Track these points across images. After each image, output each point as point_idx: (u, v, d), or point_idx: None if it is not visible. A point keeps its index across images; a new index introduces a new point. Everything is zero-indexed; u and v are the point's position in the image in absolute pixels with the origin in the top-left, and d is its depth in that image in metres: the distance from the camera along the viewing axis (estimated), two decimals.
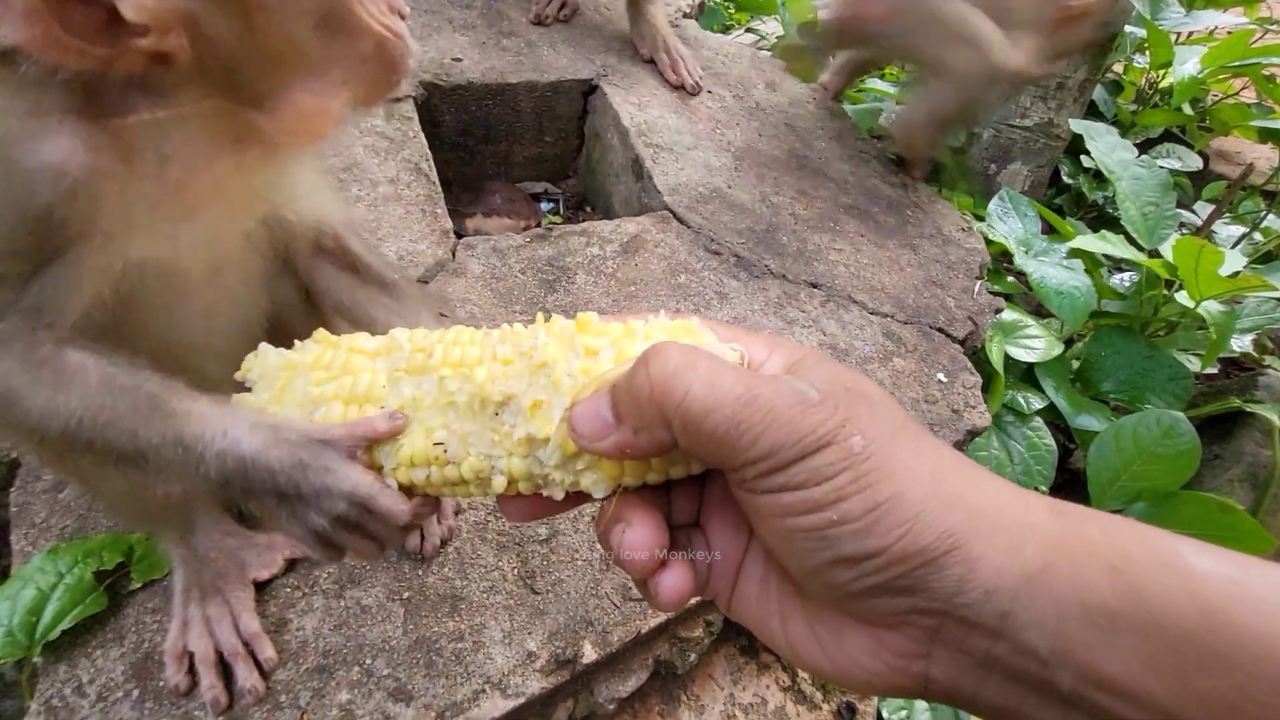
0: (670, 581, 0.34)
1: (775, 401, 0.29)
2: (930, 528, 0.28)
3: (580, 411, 0.33)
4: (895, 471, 0.29)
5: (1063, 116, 1.72)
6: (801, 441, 0.29)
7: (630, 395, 0.32)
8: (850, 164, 1.46)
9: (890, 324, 1.15)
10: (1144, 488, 1.10)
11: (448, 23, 1.42)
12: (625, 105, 1.37)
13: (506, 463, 0.36)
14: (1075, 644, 0.26)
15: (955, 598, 0.28)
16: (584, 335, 0.36)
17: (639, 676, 0.81)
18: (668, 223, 1.20)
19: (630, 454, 0.32)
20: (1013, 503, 0.29)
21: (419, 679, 0.69)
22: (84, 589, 0.65)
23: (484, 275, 1.04)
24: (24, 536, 0.71)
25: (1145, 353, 1.29)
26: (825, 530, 0.29)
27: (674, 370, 0.30)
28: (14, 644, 0.62)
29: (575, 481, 0.36)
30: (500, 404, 0.36)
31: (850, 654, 0.31)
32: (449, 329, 0.41)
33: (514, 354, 0.37)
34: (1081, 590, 0.26)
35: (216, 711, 0.62)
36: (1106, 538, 0.28)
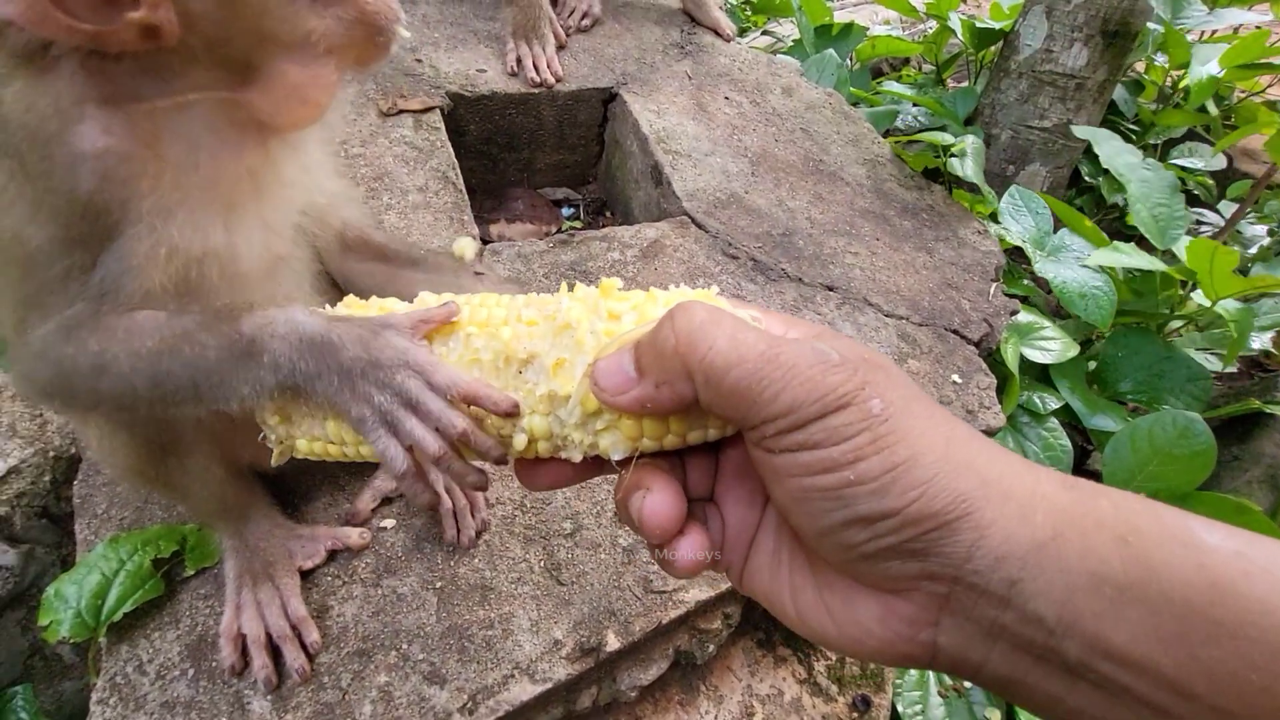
0: (687, 547, 0.35)
1: (797, 359, 0.30)
2: (944, 491, 0.28)
3: (604, 366, 0.34)
4: (911, 435, 0.29)
5: (1081, 117, 1.71)
6: (822, 399, 0.29)
7: (655, 349, 0.32)
8: (866, 168, 1.48)
9: (905, 326, 1.17)
10: (1159, 488, 1.10)
11: (472, 35, 1.46)
12: (645, 113, 1.41)
13: (528, 420, 0.37)
14: (1083, 613, 0.26)
15: (966, 564, 0.28)
16: (607, 300, 0.37)
17: (660, 666, 0.85)
18: (686, 227, 1.23)
19: (651, 408, 0.33)
20: (1024, 474, 0.30)
21: (452, 663, 0.73)
22: (143, 575, 0.70)
23: (509, 279, 1.08)
24: (87, 526, 0.76)
25: (1163, 353, 1.30)
26: (842, 490, 0.29)
27: (700, 325, 0.31)
28: (82, 625, 0.66)
29: (594, 443, 0.36)
30: (524, 361, 0.37)
31: (860, 622, 0.32)
32: (476, 294, 0.42)
33: (538, 316, 0.38)
34: (1091, 561, 0.27)
35: (268, 689, 0.67)
36: (1117, 511, 0.28)
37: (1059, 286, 1.26)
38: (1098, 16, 1.60)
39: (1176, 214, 1.32)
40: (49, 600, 0.67)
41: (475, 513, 0.80)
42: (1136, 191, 1.33)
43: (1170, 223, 1.31)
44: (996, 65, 1.80)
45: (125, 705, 0.66)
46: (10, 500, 0.80)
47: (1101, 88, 1.72)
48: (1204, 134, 2.04)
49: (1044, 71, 1.69)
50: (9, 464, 0.81)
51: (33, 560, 0.82)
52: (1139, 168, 1.34)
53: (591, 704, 0.82)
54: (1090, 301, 1.24)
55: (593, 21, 1.56)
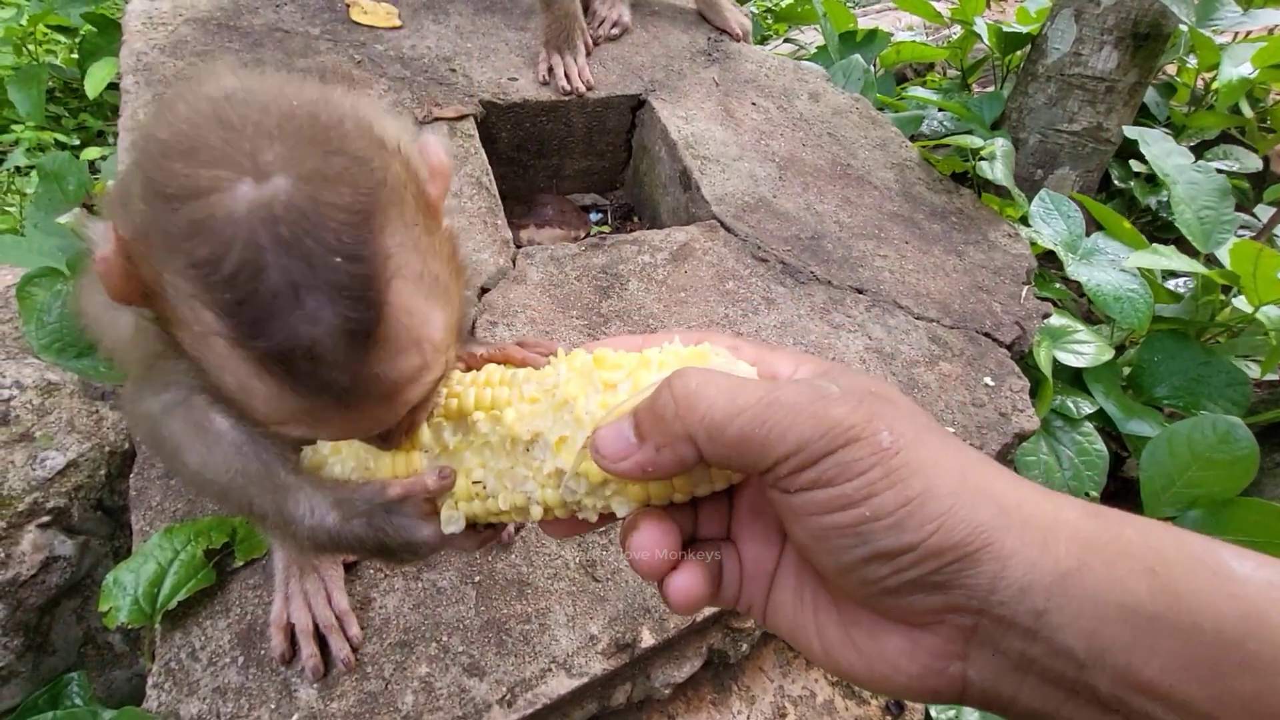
0: (680, 583, 0.35)
1: (797, 399, 0.30)
2: (962, 522, 0.28)
3: (604, 434, 0.35)
4: (925, 467, 0.29)
5: (1112, 120, 1.70)
6: (828, 434, 0.29)
7: (654, 414, 0.33)
8: (894, 172, 1.48)
9: (936, 329, 1.17)
10: (1199, 494, 1.08)
11: (504, 44, 1.49)
12: (673, 119, 1.42)
13: (540, 494, 0.39)
14: (1112, 645, 0.26)
15: (990, 595, 0.28)
16: (601, 370, 0.38)
17: (693, 664, 0.85)
18: (715, 231, 1.25)
19: (653, 472, 0.34)
20: (1043, 501, 0.29)
21: (491, 656, 0.74)
22: (196, 565, 0.72)
23: (542, 282, 1.10)
24: (142, 517, 0.78)
25: (1201, 358, 1.27)
26: (859, 526, 0.29)
27: (696, 388, 0.32)
28: (139, 611, 0.69)
29: (606, 505, 0.38)
30: (530, 442, 0.40)
31: (887, 657, 0.31)
32: (481, 370, 0.45)
33: (539, 391, 0.40)
34: (1118, 591, 0.26)
35: (316, 677, 0.68)
36: (1143, 539, 0.28)
37: (1093, 290, 1.25)
38: (1128, 19, 1.59)
39: (1224, 217, 1.30)
40: (108, 587, 0.69)
41: None
42: (1183, 193, 1.31)
43: (1217, 226, 1.29)
44: (1023, 69, 1.79)
45: (179, 690, 0.68)
46: (69, 493, 0.83)
47: (1132, 90, 1.70)
48: (1238, 136, 2.01)
49: (1073, 75, 1.68)
50: (68, 458, 0.84)
51: (88, 551, 0.85)
52: (1188, 169, 1.33)
53: (626, 700, 0.83)
54: (1126, 304, 1.23)
55: (622, 30, 1.58)
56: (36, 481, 0.82)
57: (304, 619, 0.69)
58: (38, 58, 2.05)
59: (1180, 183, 1.34)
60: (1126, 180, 1.86)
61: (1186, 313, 1.37)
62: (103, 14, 1.84)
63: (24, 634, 0.79)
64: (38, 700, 0.76)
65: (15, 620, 0.78)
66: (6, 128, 1.92)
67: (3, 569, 0.77)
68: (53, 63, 2.10)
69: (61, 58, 2.17)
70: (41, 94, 1.81)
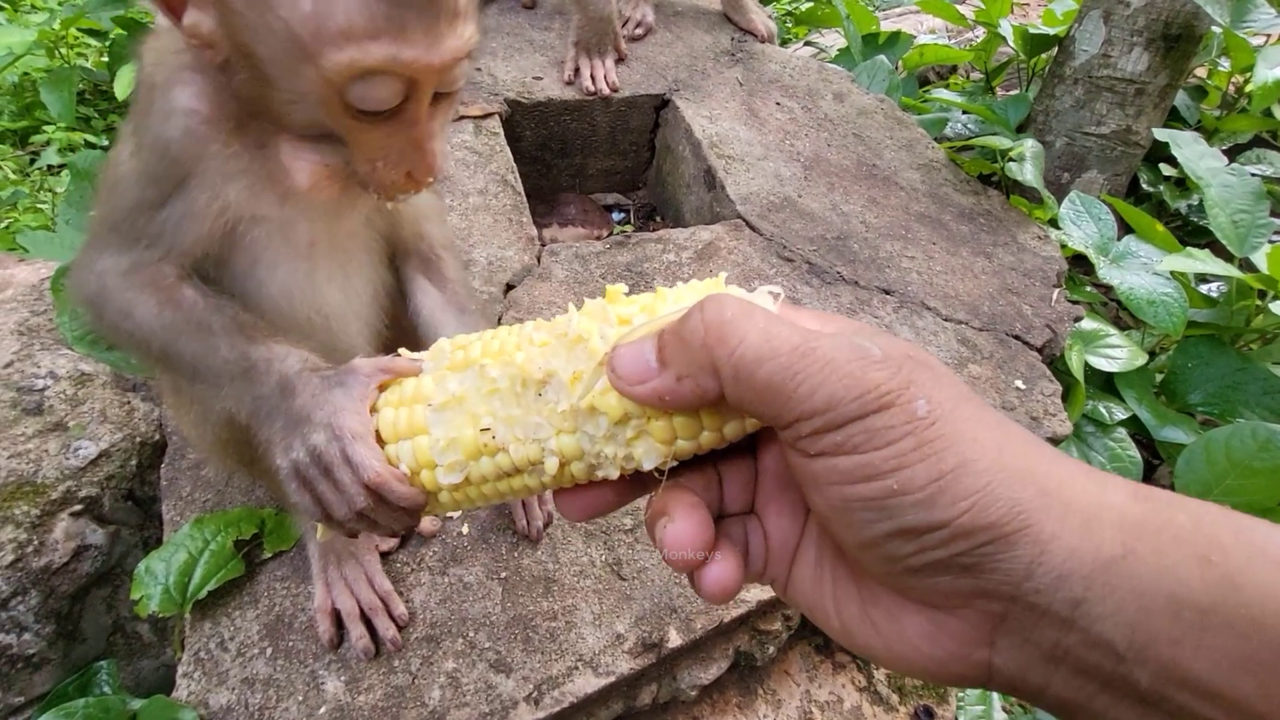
0: (714, 574, 0.33)
1: (835, 354, 0.28)
2: (999, 501, 0.26)
3: (623, 352, 0.32)
4: (961, 440, 0.27)
5: (1141, 123, 1.67)
6: (862, 398, 0.27)
7: (680, 340, 0.30)
8: (920, 172, 1.47)
9: (965, 331, 1.15)
10: (1238, 503, 1.05)
11: (528, 44, 1.50)
12: (697, 118, 1.42)
13: (556, 441, 0.36)
14: (1158, 639, 0.24)
15: (1025, 581, 0.26)
16: (615, 306, 0.36)
17: (720, 665, 0.84)
18: (740, 230, 1.24)
19: (669, 402, 0.31)
20: (1089, 483, 0.27)
21: (517, 653, 0.73)
22: (226, 555, 0.73)
23: (567, 279, 1.10)
24: (173, 508, 0.79)
25: (1237, 365, 1.24)
26: (885, 500, 0.27)
27: (730, 318, 0.29)
28: (170, 600, 0.69)
29: (628, 455, 0.35)
30: (542, 382, 0.36)
31: (907, 639, 0.30)
32: (489, 330, 0.43)
33: (550, 336, 0.37)
34: (1167, 581, 0.24)
35: (368, 657, 0.69)
36: (1196, 525, 0.25)
37: (1126, 293, 1.23)
38: (1159, 20, 1.56)
39: (1259, 221, 1.27)
40: (140, 576, 0.70)
41: (543, 505, 0.81)
42: (1217, 196, 1.29)
43: (1251, 230, 1.26)
44: (1050, 71, 1.77)
45: (208, 679, 0.68)
46: (100, 482, 0.84)
47: (1163, 93, 1.67)
48: (1271, 140, 1.97)
49: (1101, 77, 1.65)
50: (100, 448, 0.85)
51: (118, 541, 0.85)
52: (1221, 172, 1.30)
53: (651, 701, 0.82)
54: (1160, 308, 1.20)
55: (646, 31, 1.59)
56: (69, 470, 0.82)
57: (348, 603, 0.69)
58: (69, 60, 2.09)
59: (1214, 185, 1.31)
60: (1156, 184, 1.83)
61: (1221, 318, 1.34)
62: (133, 18, 1.88)
63: (55, 622, 0.79)
64: (68, 688, 0.76)
65: (47, 608, 0.78)
66: (39, 128, 1.96)
67: (36, 556, 0.78)
68: (84, 65, 2.14)
69: (92, 61, 2.21)
70: (72, 96, 1.85)
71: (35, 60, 2.03)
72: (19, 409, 0.85)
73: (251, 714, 0.67)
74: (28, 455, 0.82)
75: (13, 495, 0.79)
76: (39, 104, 1.93)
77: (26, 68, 2.02)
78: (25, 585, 0.77)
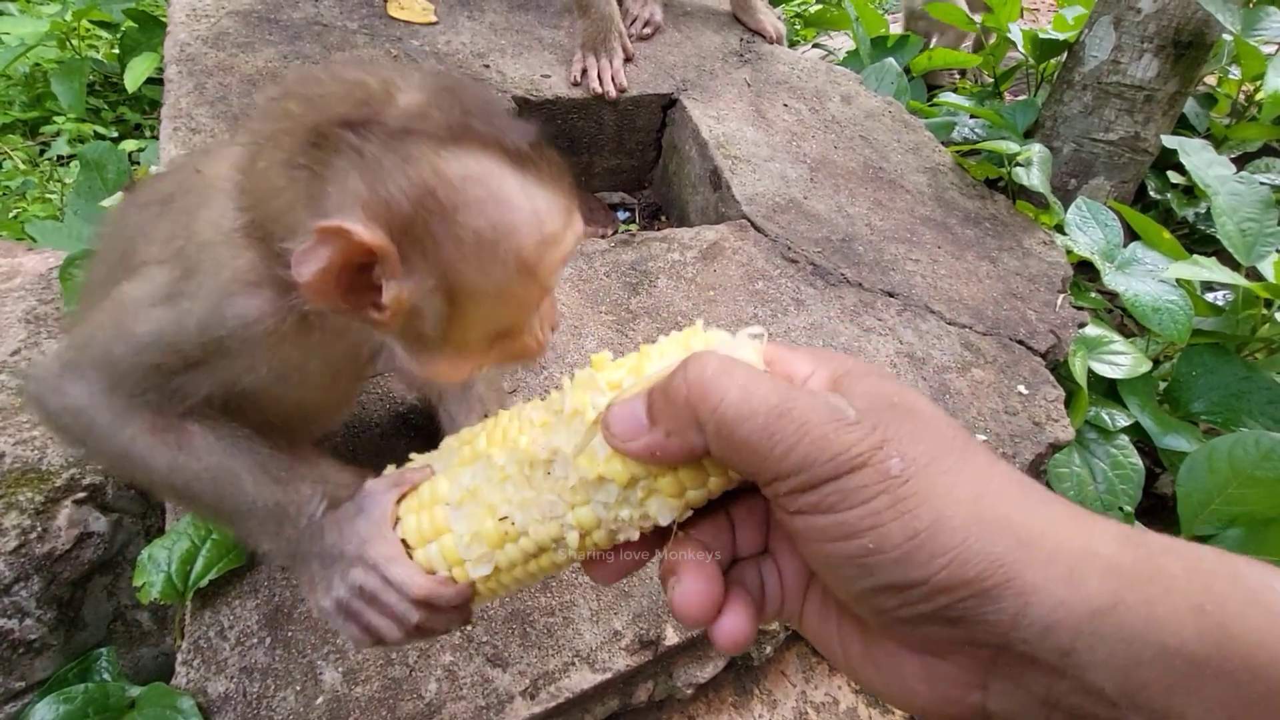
0: (726, 629, 0.34)
1: (810, 415, 0.29)
2: (976, 556, 0.26)
3: (616, 411, 0.34)
4: (935, 496, 0.27)
5: (1150, 130, 1.67)
6: (834, 459, 0.28)
7: (666, 397, 0.32)
8: (927, 176, 1.47)
9: (969, 335, 1.15)
10: (1240, 513, 1.05)
11: (537, 42, 1.50)
12: (704, 118, 1.42)
13: (573, 516, 0.37)
14: (1150, 686, 0.24)
15: (1011, 632, 0.26)
16: (603, 373, 0.37)
17: (716, 664, 0.84)
18: (745, 231, 1.24)
19: (660, 457, 0.32)
20: (1074, 530, 0.27)
21: (514, 648, 0.74)
22: (227, 545, 0.73)
23: (572, 278, 1.10)
24: None
25: (1242, 373, 1.24)
26: (863, 558, 0.28)
27: (711, 376, 0.30)
28: (171, 588, 0.69)
29: (644, 514, 0.36)
30: (548, 461, 0.37)
31: (905, 680, 0.30)
32: (491, 418, 0.44)
33: (547, 415, 0.39)
34: (1159, 631, 0.24)
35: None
36: (1189, 574, 0.25)
37: (1130, 300, 1.22)
38: (1170, 27, 1.56)
39: (1267, 230, 1.27)
40: (143, 563, 0.70)
41: None
42: (1225, 204, 1.28)
43: (1259, 239, 1.26)
44: (1059, 77, 1.76)
45: (208, 668, 0.69)
46: (103, 470, 0.84)
47: (1172, 100, 1.67)
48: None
49: (1110, 83, 1.65)
50: None
51: (120, 529, 0.86)
52: (1230, 180, 1.30)
53: (647, 699, 0.82)
54: (1165, 315, 1.20)
55: (654, 30, 1.59)
56: (73, 458, 0.83)
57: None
58: (80, 52, 2.10)
59: (1222, 194, 1.31)
60: (1163, 191, 1.83)
61: (1226, 326, 1.34)
62: (143, 10, 1.89)
63: (57, 608, 0.80)
64: (68, 674, 0.77)
65: (49, 594, 0.79)
66: (49, 119, 1.97)
67: (39, 543, 0.78)
68: (94, 57, 2.15)
69: (103, 53, 2.22)
70: (83, 87, 1.86)
71: (46, 51, 2.04)
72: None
73: (249, 703, 0.67)
74: (32, 442, 0.83)
75: (17, 482, 0.80)
76: (49, 95, 1.94)
77: (38, 59, 2.04)
78: (28, 571, 0.78)
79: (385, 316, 0.42)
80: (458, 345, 0.47)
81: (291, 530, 0.49)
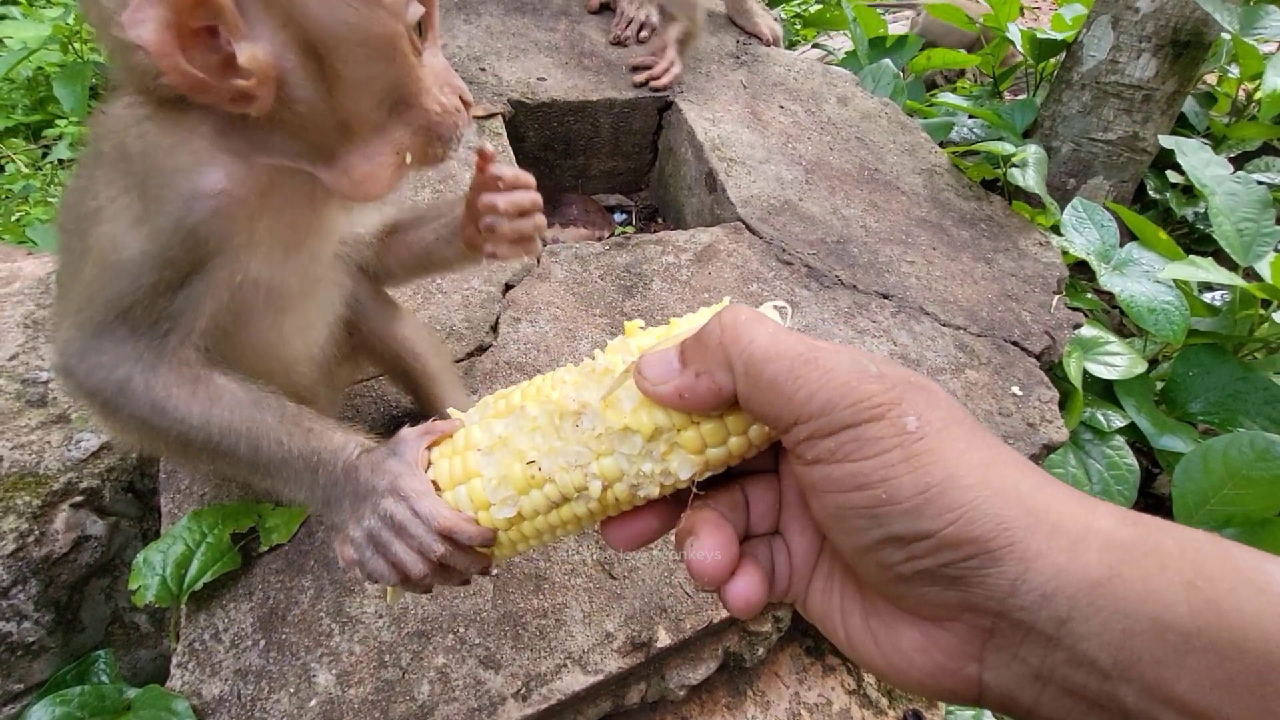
0: (739, 589, 0.35)
1: (835, 364, 0.30)
2: (984, 515, 0.27)
3: (649, 358, 0.36)
4: (948, 456, 0.28)
5: (1149, 130, 1.66)
6: (855, 405, 0.29)
7: (699, 342, 0.34)
8: (923, 177, 1.47)
9: (963, 336, 1.15)
10: (1235, 513, 1.05)
11: (533, 45, 1.51)
12: (700, 121, 1.42)
13: (597, 465, 0.39)
14: (1143, 659, 0.25)
15: (1009, 598, 0.27)
16: (634, 338, 0.40)
17: (709, 666, 0.84)
18: (740, 233, 1.24)
19: (688, 399, 0.34)
20: (1075, 507, 0.28)
21: (507, 649, 0.74)
22: (222, 548, 0.74)
23: (567, 280, 1.11)
24: (171, 500, 0.80)
25: (1238, 374, 1.24)
26: (875, 509, 0.29)
27: (744, 321, 0.33)
28: (166, 591, 0.70)
29: (665, 469, 0.37)
30: (577, 413, 0.39)
31: (902, 651, 0.31)
32: (525, 381, 0.46)
33: (579, 375, 0.41)
34: (1153, 604, 0.25)
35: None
36: (1183, 551, 0.26)
37: (1126, 301, 1.22)
38: (1168, 26, 1.55)
39: (1264, 230, 1.26)
40: (138, 566, 0.71)
41: None
42: (1221, 205, 1.28)
43: (1257, 238, 1.26)
44: (1058, 77, 1.76)
45: (202, 670, 0.69)
46: (101, 474, 0.85)
47: (1170, 100, 1.66)
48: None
49: (1109, 83, 1.65)
50: (101, 440, 0.86)
51: (118, 532, 0.87)
52: (1227, 180, 1.29)
53: (640, 700, 0.82)
54: (1161, 316, 1.20)
55: (650, 32, 1.59)
56: (71, 462, 0.84)
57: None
58: (82, 56, 2.11)
59: (1219, 193, 1.30)
60: (1162, 191, 1.82)
61: (1223, 327, 1.34)
62: None
63: (55, 611, 0.81)
64: (66, 676, 0.78)
65: (47, 597, 0.80)
66: (51, 122, 1.98)
67: (37, 546, 0.79)
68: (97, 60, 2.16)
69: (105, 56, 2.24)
70: (85, 90, 1.87)
71: (49, 55, 2.06)
72: (23, 401, 0.87)
73: (244, 705, 0.68)
74: (30, 447, 0.83)
75: (15, 485, 0.80)
76: (52, 98, 1.96)
77: (40, 62, 2.05)
78: (26, 574, 0.78)
79: (253, 86, 0.42)
80: (353, 124, 0.47)
81: (326, 475, 0.50)
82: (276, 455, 0.51)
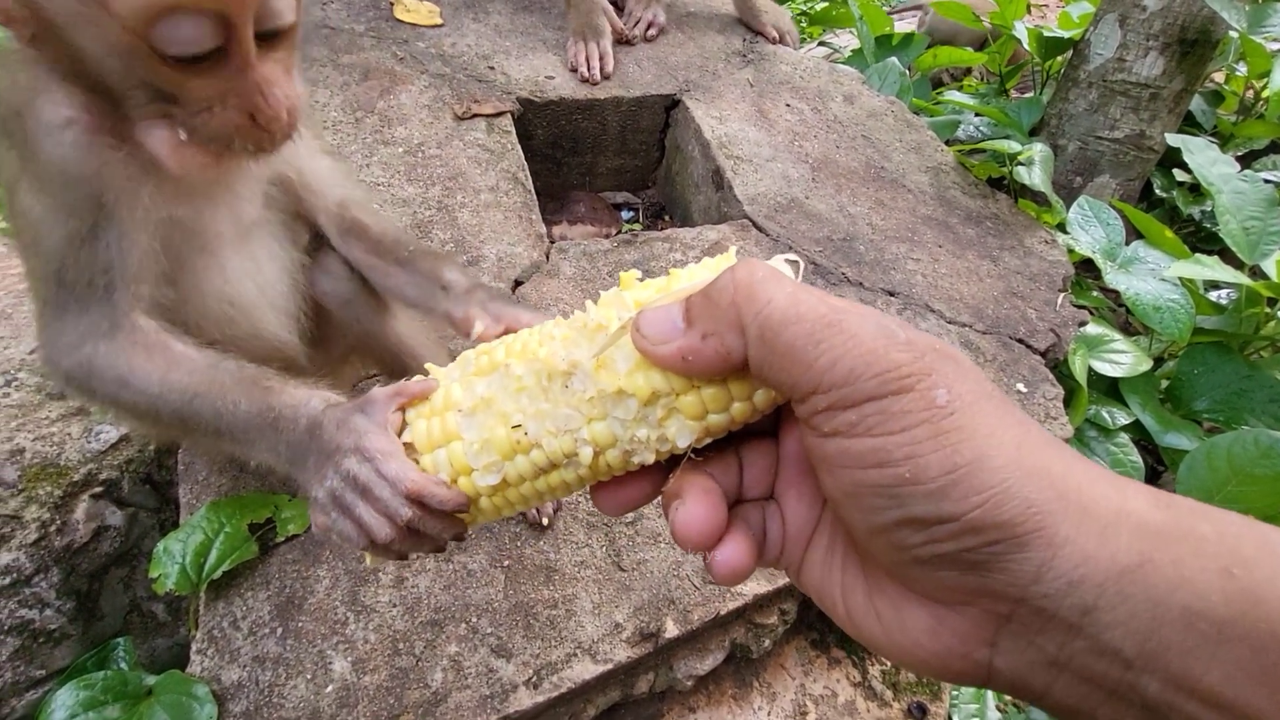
0: (724, 556, 0.33)
1: (860, 329, 0.27)
2: (1014, 499, 0.25)
3: (649, 314, 0.32)
4: (979, 434, 0.26)
5: (1156, 128, 1.66)
6: (881, 376, 0.26)
7: (708, 299, 0.30)
8: (929, 175, 1.47)
9: (969, 333, 1.16)
10: (1238, 510, 1.05)
11: (541, 43, 1.52)
12: (707, 119, 1.43)
13: (588, 430, 0.35)
14: (1170, 649, 0.24)
15: (1033, 585, 0.25)
16: (630, 291, 0.36)
17: (716, 656, 0.86)
18: (747, 231, 1.25)
19: (691, 361, 0.31)
20: (1109, 488, 0.26)
21: (518, 639, 0.76)
22: (240, 538, 0.75)
23: (575, 277, 1.12)
24: (189, 491, 0.82)
25: (1244, 372, 1.24)
26: (896, 488, 0.26)
27: (761, 279, 0.29)
28: (186, 579, 0.72)
29: (662, 435, 0.34)
30: (567, 374, 0.36)
31: (909, 632, 0.29)
32: (511, 335, 0.41)
33: (569, 330, 0.37)
34: (1185, 593, 0.24)
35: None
36: (1220, 536, 0.25)
37: (1132, 299, 1.23)
38: (1175, 24, 1.55)
39: (1271, 228, 1.27)
40: (158, 555, 0.72)
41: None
42: (1228, 203, 1.28)
43: (1263, 237, 1.26)
44: (1064, 75, 1.76)
45: (221, 657, 0.71)
46: (120, 465, 0.87)
47: (1178, 98, 1.66)
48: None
49: (1116, 81, 1.65)
50: (120, 432, 0.88)
51: (136, 523, 0.88)
52: (1234, 179, 1.30)
53: (648, 690, 0.84)
54: (1166, 314, 1.20)
55: (658, 31, 1.60)
56: (91, 454, 0.85)
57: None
58: None
59: (1225, 192, 1.31)
60: (1169, 189, 1.82)
61: (1229, 325, 1.34)
62: None
63: (76, 599, 0.82)
64: (87, 663, 0.79)
65: (68, 585, 0.81)
66: None
67: (58, 536, 0.81)
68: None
69: None
70: None
71: None
72: (44, 394, 0.89)
73: (261, 691, 0.69)
74: (52, 438, 0.85)
75: (37, 476, 0.82)
76: None
77: None
78: (47, 563, 0.80)
79: (9, 7, 0.41)
80: (112, 82, 0.44)
81: (289, 431, 0.47)
82: (237, 415, 0.50)
